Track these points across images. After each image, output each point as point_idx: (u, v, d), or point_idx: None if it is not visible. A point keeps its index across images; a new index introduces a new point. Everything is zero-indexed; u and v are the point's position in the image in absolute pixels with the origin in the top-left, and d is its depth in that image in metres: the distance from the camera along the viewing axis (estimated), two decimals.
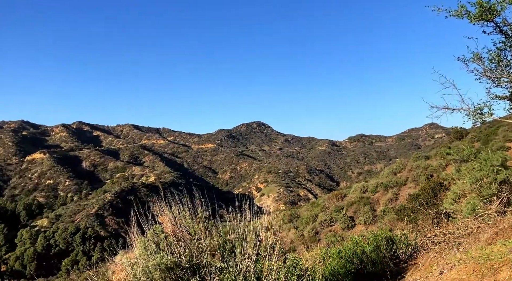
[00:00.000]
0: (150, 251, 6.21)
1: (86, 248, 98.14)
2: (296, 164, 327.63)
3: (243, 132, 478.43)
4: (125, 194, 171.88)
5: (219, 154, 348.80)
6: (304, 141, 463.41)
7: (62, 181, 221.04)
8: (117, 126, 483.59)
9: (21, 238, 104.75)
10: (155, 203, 8.37)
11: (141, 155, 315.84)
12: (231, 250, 6.69)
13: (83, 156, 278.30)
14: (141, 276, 5.44)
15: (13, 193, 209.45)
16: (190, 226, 7.20)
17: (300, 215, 33.22)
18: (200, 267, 5.95)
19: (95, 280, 6.78)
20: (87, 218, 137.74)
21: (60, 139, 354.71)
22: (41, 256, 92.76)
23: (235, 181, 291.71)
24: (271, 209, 25.19)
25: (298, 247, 23.28)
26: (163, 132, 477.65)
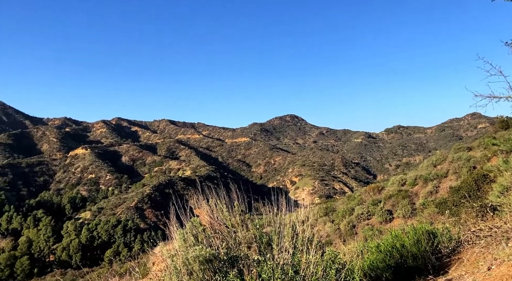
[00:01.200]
0: (189, 243, 6.33)
1: (127, 240, 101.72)
2: (331, 157, 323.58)
3: (276, 125, 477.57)
4: (163, 188, 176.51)
5: (252, 148, 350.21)
6: (339, 133, 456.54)
7: (103, 175, 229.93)
8: (154, 122, 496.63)
9: (67, 230, 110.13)
10: (192, 196, 8.57)
11: (177, 149, 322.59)
12: (268, 243, 6.69)
13: (122, 151, 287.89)
14: (181, 268, 5.55)
15: (58, 187, 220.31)
16: (227, 219, 7.27)
17: (336, 208, 32.84)
18: (238, 259, 6.00)
19: (137, 271, 6.99)
20: (127, 211, 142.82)
21: (101, 135, 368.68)
22: (85, 247, 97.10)
23: (269, 174, 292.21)
24: (306, 202, 25.06)
25: (335, 241, 23.05)
26: (198, 127, 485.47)
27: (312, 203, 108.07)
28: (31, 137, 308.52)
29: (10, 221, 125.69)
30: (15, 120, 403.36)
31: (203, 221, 7.92)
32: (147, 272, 10.97)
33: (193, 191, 19.29)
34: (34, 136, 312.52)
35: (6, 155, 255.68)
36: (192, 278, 5.48)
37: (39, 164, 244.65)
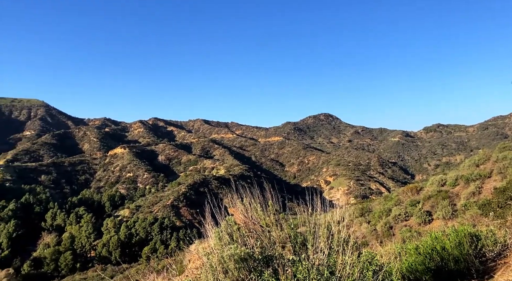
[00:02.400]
0: (224, 241, 6.39)
1: (163, 237, 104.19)
2: (367, 156, 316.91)
3: (310, 124, 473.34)
4: (198, 186, 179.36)
5: (286, 147, 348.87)
6: (375, 132, 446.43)
7: (140, 173, 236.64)
8: (189, 122, 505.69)
9: (107, 226, 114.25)
10: (226, 195, 8.65)
11: (211, 148, 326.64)
12: (302, 243, 6.64)
13: (159, 150, 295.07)
14: (216, 266, 5.61)
15: (98, 185, 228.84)
16: (262, 218, 7.28)
17: (372, 209, 32.13)
18: (273, 259, 5.99)
19: (174, 268, 7.13)
20: (164, 209, 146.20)
21: (138, 134, 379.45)
22: (124, 244, 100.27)
23: (303, 173, 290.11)
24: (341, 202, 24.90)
25: (371, 242, 22.56)
26: (231, 126, 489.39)
27: (347, 203, 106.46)
28: (73, 137, 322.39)
29: (54, 218, 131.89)
30: (58, 121, 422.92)
31: (237, 220, 7.96)
32: (183, 269, 11.19)
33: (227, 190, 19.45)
34: (76, 136, 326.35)
35: (50, 154, 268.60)
36: (227, 276, 5.53)
37: (81, 163, 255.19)
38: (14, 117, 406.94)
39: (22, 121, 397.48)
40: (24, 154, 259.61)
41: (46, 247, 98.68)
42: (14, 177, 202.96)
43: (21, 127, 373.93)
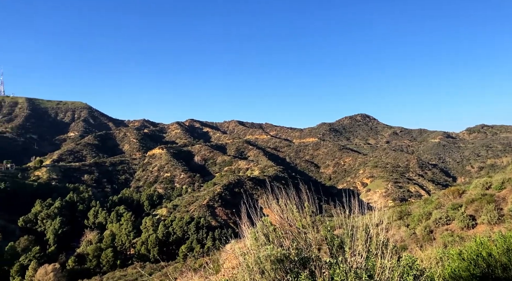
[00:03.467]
0: (260, 242, 6.42)
1: (199, 237, 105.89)
2: (406, 158, 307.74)
3: (346, 125, 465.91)
4: (232, 187, 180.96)
5: (321, 148, 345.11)
6: (414, 133, 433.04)
7: (177, 174, 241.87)
8: (223, 123, 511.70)
9: (145, 225, 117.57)
10: (261, 195, 8.69)
11: (246, 149, 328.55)
12: (339, 246, 6.55)
13: (195, 151, 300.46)
14: (253, 266, 5.64)
15: (138, 185, 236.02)
16: (297, 219, 7.24)
17: (411, 212, 31.15)
18: (309, 260, 5.95)
19: (211, 267, 7.23)
20: (200, 209, 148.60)
21: (175, 135, 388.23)
22: (162, 242, 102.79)
23: (339, 175, 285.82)
24: (378, 205, 24.19)
25: (410, 246, 21.88)
26: (266, 127, 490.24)
27: (385, 205, 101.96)
28: (114, 138, 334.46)
29: (96, 216, 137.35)
30: (100, 122, 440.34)
31: (272, 221, 7.97)
32: (219, 268, 11.31)
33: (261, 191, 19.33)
34: (116, 137, 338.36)
35: (92, 154, 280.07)
36: (264, 277, 5.55)
37: (121, 163, 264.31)
38: (59, 119, 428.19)
39: (67, 123, 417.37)
40: (68, 154, 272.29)
41: (88, 244, 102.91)
42: (59, 176, 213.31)
43: (65, 129, 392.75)
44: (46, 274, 72.89)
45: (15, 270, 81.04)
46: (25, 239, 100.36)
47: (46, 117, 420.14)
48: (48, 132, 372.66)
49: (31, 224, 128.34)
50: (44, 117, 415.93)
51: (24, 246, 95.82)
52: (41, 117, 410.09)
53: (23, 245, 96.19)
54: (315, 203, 8.04)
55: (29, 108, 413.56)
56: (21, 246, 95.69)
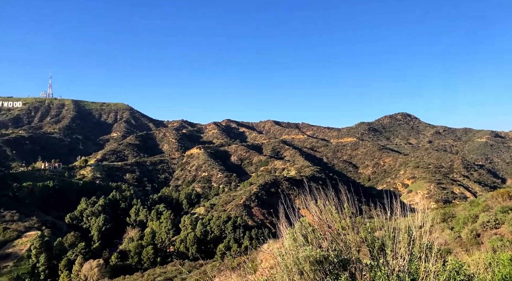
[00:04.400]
0: (298, 242, 6.37)
1: (236, 236, 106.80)
2: (449, 158, 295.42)
3: (386, 124, 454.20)
4: (269, 187, 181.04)
5: (359, 148, 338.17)
6: (459, 132, 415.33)
7: (214, 173, 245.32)
8: (259, 123, 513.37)
9: (184, 223, 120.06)
10: (298, 196, 8.64)
11: (282, 149, 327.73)
12: (380, 248, 6.39)
13: (231, 151, 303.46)
14: (292, 267, 5.61)
15: (176, 184, 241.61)
16: (337, 220, 7.14)
17: (456, 214, 29.84)
18: (349, 262, 5.84)
19: (249, 266, 7.27)
20: (236, 208, 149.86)
21: (212, 136, 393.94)
22: (200, 241, 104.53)
23: (378, 176, 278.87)
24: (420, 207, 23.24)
25: (454, 250, 20.96)
26: (302, 127, 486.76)
27: (428, 207, 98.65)
28: (154, 138, 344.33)
29: (137, 213, 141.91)
30: (141, 123, 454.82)
31: (310, 222, 7.89)
32: (256, 268, 11.34)
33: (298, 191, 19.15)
34: (156, 137, 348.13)
35: (134, 154, 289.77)
36: (303, 277, 5.51)
37: (161, 163, 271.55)
38: (103, 120, 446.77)
39: (110, 123, 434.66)
40: (111, 154, 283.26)
41: (130, 241, 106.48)
42: (103, 175, 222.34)
43: (109, 129, 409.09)
44: (91, 269, 76.22)
45: (63, 265, 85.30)
46: (72, 235, 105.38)
47: (90, 118, 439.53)
48: (92, 132, 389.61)
49: (77, 221, 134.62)
50: (89, 119, 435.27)
51: (71, 241, 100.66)
52: (86, 118, 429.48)
53: (70, 241, 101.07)
54: (355, 204, 7.89)
55: (75, 110, 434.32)
56: (68, 241, 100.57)
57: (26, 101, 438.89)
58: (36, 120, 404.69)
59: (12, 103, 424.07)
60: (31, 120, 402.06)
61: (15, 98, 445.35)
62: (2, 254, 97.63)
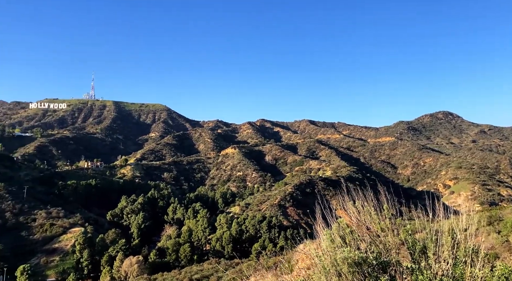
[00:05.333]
0: (336, 244, 6.28)
1: (271, 236, 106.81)
2: (496, 159, 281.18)
3: (426, 123, 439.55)
4: (304, 187, 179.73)
5: (398, 148, 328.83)
6: (506, 131, 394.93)
7: (249, 173, 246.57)
8: (294, 122, 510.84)
9: (219, 222, 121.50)
10: (334, 196, 8.53)
11: (317, 149, 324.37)
12: (422, 251, 6.18)
13: (266, 151, 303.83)
14: (329, 268, 5.54)
15: (212, 183, 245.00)
16: (376, 222, 6.98)
17: (504, 217, 28.37)
18: (389, 265, 5.69)
19: (286, 266, 7.25)
20: (271, 208, 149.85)
21: (247, 135, 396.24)
22: (235, 239, 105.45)
23: (418, 176, 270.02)
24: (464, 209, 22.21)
25: (502, 255, 19.93)
26: (338, 126, 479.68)
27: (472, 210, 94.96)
28: (190, 138, 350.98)
29: (175, 212, 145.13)
30: (178, 123, 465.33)
31: (347, 223, 7.75)
32: (292, 268, 11.30)
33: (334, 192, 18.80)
34: (192, 137, 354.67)
35: (171, 153, 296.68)
36: (341, 279, 5.42)
37: (197, 162, 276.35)
38: (142, 120, 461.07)
39: (148, 124, 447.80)
40: (150, 153, 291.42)
41: (168, 239, 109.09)
42: (142, 173, 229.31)
43: (147, 130, 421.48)
44: (131, 265, 78.80)
45: (104, 260, 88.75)
46: (113, 232, 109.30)
47: (130, 119, 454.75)
48: (132, 132, 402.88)
49: (117, 218, 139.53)
50: (129, 119, 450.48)
51: (112, 238, 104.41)
52: (126, 119, 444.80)
53: (111, 238, 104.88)
54: (394, 205, 7.68)
55: (115, 111, 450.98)
56: (109, 238, 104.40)
57: (70, 103, 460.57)
58: (80, 121, 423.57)
59: (58, 105, 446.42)
60: (75, 121, 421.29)
61: (60, 100, 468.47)
62: (49, 248, 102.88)
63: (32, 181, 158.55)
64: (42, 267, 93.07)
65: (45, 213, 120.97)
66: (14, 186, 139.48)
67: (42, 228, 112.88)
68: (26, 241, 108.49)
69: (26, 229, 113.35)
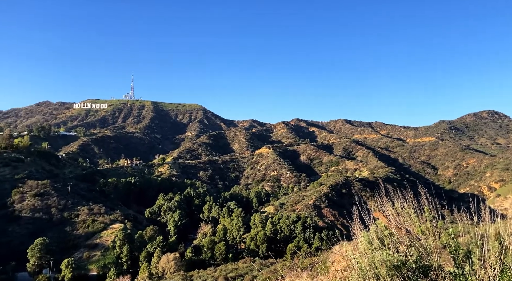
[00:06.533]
0: (374, 246, 6.14)
1: (306, 236, 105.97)
2: None
3: (469, 123, 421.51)
4: (339, 187, 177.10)
5: (439, 148, 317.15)
6: None
7: (283, 173, 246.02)
8: (330, 122, 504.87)
9: (254, 221, 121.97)
10: (371, 197, 8.33)
11: (354, 149, 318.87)
12: (465, 256, 5.92)
13: (300, 150, 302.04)
14: (367, 271, 5.42)
15: (246, 182, 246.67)
16: (416, 224, 6.77)
17: None
18: (430, 269, 5.49)
19: (322, 267, 7.17)
20: (306, 208, 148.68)
21: (281, 135, 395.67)
22: (270, 239, 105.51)
23: (460, 178, 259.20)
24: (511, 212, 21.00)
25: None
26: (376, 126, 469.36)
27: None
28: (225, 138, 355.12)
29: (210, 210, 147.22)
30: (213, 123, 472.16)
31: (385, 224, 7.56)
32: (327, 269, 11.16)
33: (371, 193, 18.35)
34: (227, 136, 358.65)
35: (206, 152, 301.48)
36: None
37: (232, 161, 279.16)
38: (178, 120, 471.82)
39: (185, 123, 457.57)
40: (186, 152, 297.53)
41: (203, 237, 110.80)
42: (179, 172, 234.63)
43: (184, 129, 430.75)
44: (168, 262, 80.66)
45: (143, 256, 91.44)
46: (151, 229, 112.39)
47: (167, 118, 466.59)
48: (169, 132, 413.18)
49: (155, 215, 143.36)
50: (166, 119, 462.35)
51: (150, 235, 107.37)
52: (163, 118, 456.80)
53: (149, 234, 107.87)
54: (435, 207, 7.42)
55: (153, 111, 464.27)
56: (148, 235, 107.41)
57: (111, 103, 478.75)
58: (120, 120, 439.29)
59: (99, 105, 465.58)
60: (115, 121, 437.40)
61: (101, 101, 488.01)
62: (91, 243, 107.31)
63: (75, 178, 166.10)
64: (85, 261, 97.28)
65: (87, 209, 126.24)
66: (59, 183, 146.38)
67: (84, 224, 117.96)
68: (70, 235, 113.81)
69: (70, 224, 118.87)
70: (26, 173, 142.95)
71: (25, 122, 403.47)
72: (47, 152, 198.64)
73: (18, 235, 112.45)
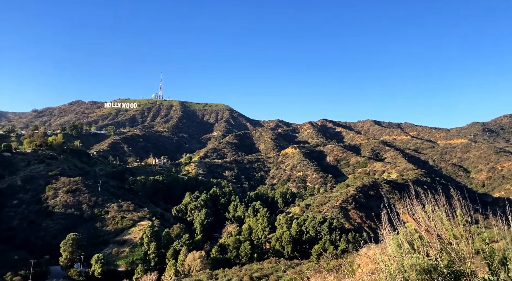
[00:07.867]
0: (403, 249, 5.98)
1: (332, 238, 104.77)
2: None
3: (504, 125, 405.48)
4: (367, 189, 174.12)
5: (472, 150, 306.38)
6: None
7: (309, 173, 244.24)
8: (357, 122, 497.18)
9: (279, 222, 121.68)
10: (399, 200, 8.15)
11: (382, 150, 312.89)
12: (501, 262, 5.69)
13: (327, 151, 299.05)
14: (396, 274, 5.29)
15: (272, 182, 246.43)
16: (448, 228, 6.56)
17: None
18: (463, 275, 5.30)
19: (349, 269, 7.07)
20: (332, 210, 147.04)
21: (307, 135, 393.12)
22: (295, 240, 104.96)
23: (494, 182, 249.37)
24: None
25: None
26: (405, 127, 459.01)
27: None
28: (251, 138, 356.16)
29: (235, 209, 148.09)
30: (239, 122, 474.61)
31: (415, 228, 7.36)
32: (354, 272, 10.97)
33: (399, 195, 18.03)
34: (253, 136, 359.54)
35: (232, 152, 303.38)
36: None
37: (257, 161, 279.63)
38: (205, 120, 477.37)
39: (211, 123, 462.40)
40: (212, 152, 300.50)
41: (229, 236, 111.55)
42: (205, 171, 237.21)
43: (210, 129, 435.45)
44: (194, 260, 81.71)
45: (170, 253, 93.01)
46: (177, 227, 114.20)
47: (194, 118, 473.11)
48: (196, 131, 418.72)
49: (181, 214, 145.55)
50: (193, 118, 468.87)
51: (177, 233, 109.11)
52: (190, 118, 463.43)
53: (176, 232, 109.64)
54: (468, 211, 7.17)
55: (181, 111, 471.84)
56: (174, 232, 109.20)
57: (140, 103, 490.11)
58: (149, 120, 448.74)
59: (129, 105, 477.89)
60: (144, 120, 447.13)
61: (131, 100, 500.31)
62: (120, 240, 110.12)
63: (105, 176, 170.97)
64: (114, 257, 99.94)
65: (117, 206, 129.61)
66: (90, 180, 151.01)
67: (114, 220, 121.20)
68: (100, 231, 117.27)
69: (100, 221, 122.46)
70: (59, 169, 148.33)
71: (59, 121, 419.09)
72: (79, 150, 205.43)
73: (51, 229, 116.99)
